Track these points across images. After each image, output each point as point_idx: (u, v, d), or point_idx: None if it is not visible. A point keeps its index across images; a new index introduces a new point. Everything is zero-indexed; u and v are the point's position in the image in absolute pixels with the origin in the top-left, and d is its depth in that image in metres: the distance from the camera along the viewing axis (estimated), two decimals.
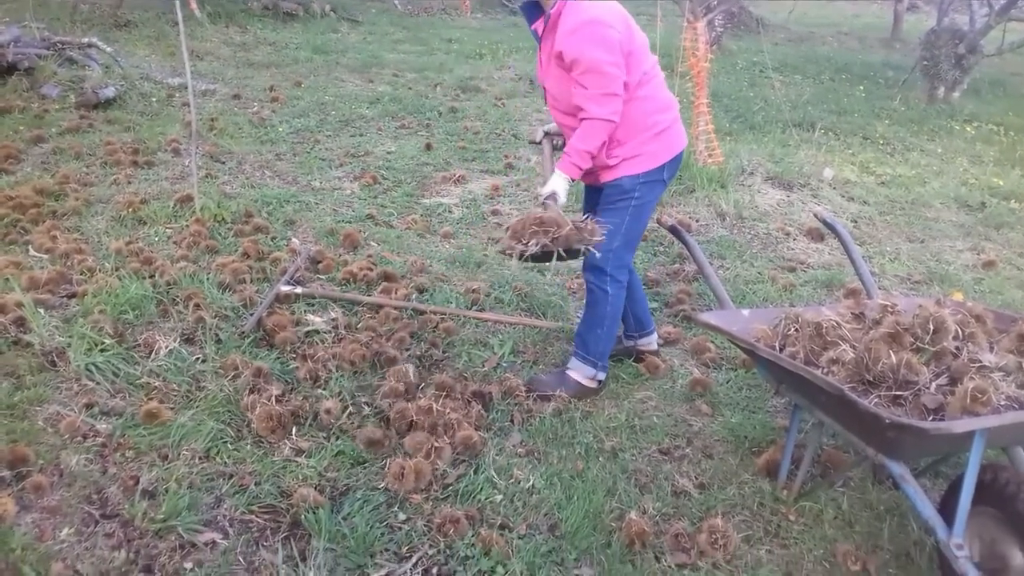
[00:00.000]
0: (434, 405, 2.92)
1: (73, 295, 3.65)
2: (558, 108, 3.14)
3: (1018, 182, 7.04)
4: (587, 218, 2.97)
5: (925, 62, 10.68)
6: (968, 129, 9.17)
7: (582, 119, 2.95)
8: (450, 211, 5.50)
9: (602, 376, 3.34)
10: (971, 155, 8.01)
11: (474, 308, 4.02)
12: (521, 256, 2.81)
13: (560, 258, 2.86)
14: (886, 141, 8.26)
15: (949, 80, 10.54)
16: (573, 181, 3.06)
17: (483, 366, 3.49)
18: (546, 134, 3.42)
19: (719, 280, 3.12)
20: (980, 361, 2.22)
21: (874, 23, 21.40)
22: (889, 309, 2.40)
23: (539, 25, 3.10)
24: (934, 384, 2.20)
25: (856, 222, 5.79)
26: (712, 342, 3.80)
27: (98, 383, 3.06)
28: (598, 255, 3.04)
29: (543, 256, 2.85)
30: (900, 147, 8.11)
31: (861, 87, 11.37)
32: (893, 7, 18.99)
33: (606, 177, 3.15)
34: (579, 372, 3.32)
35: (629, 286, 3.34)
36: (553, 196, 3.00)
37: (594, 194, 3.33)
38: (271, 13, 13.07)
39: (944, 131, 9.02)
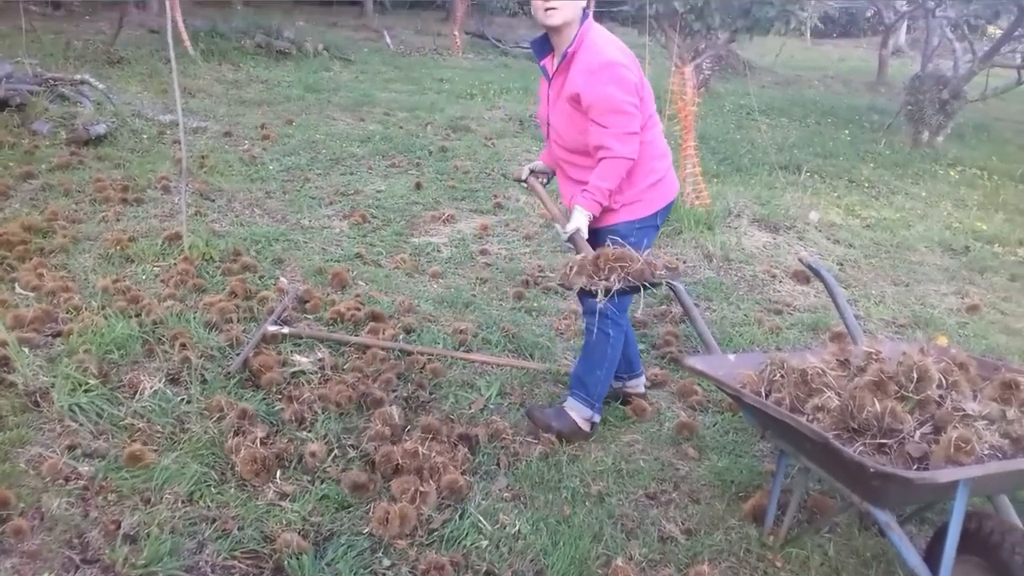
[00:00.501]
0: (420, 448, 2.91)
1: (59, 334, 3.64)
2: (562, 145, 3.18)
3: (1001, 226, 7.12)
4: (647, 253, 2.98)
5: (910, 107, 10.84)
6: (952, 173, 9.29)
7: (603, 157, 2.99)
8: (439, 250, 5.52)
9: (596, 419, 3.35)
10: (955, 199, 8.11)
11: (461, 349, 4.02)
12: (606, 292, 2.81)
13: (634, 290, 2.92)
14: (871, 184, 8.35)
15: (933, 125, 10.69)
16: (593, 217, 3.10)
17: (470, 408, 3.49)
18: (532, 172, 3.45)
19: (705, 324, 3.13)
20: (963, 410, 2.24)
21: (859, 67, 21.73)
22: (873, 356, 2.41)
23: (548, 62, 3.15)
24: (918, 432, 2.21)
25: (842, 265, 5.83)
26: (699, 385, 3.80)
27: (81, 424, 3.04)
28: (600, 300, 3.09)
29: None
30: (885, 190, 8.20)
31: (847, 131, 11.52)
32: (878, 52, 19.30)
33: (605, 222, 3.17)
34: (576, 412, 3.33)
35: None
36: (578, 232, 3.04)
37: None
38: (264, 51, 13.17)
39: (928, 175, 9.13)
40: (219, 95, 10.04)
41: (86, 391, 3.19)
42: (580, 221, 3.04)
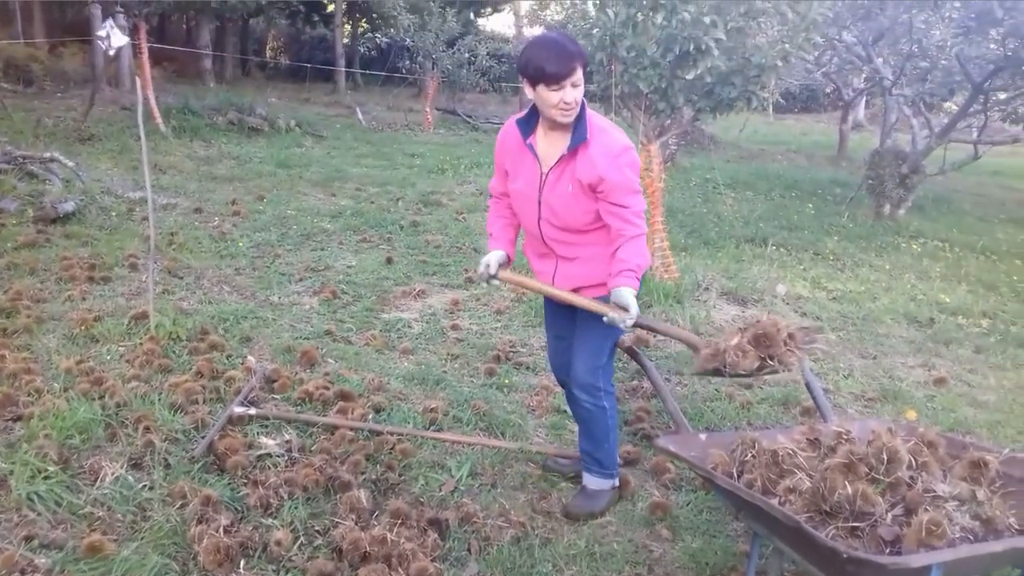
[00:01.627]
0: (388, 535, 2.84)
1: (19, 418, 3.55)
2: (556, 224, 3.16)
3: (964, 298, 7.25)
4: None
5: (871, 181, 11.13)
6: (914, 246, 9.49)
7: (631, 236, 3.01)
8: (409, 326, 5.50)
9: (617, 482, 3.45)
10: (918, 271, 8.27)
11: (432, 428, 3.97)
12: (768, 369, 2.85)
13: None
14: (836, 257, 8.50)
15: (894, 198, 10.96)
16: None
17: (440, 490, 3.43)
18: (500, 266, 3.31)
19: (675, 402, 3.14)
20: (934, 491, 2.24)
21: (821, 140, 22.36)
22: (843, 436, 2.41)
23: (535, 142, 3.12)
24: (890, 515, 2.20)
25: None
26: (672, 463, 3.78)
27: (39, 513, 2.94)
28: (585, 375, 3.19)
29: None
30: (850, 263, 8.34)
31: (810, 204, 11.78)
32: (839, 126, 19.89)
33: (593, 294, 3.19)
34: (599, 486, 3.39)
35: None
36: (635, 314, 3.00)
37: (560, 308, 3.36)
38: (236, 128, 13.32)
39: (891, 247, 9.32)
40: (190, 171, 10.08)
41: (45, 478, 3.10)
42: (631, 300, 2.96)
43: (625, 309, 2.94)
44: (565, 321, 3.38)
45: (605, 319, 3.00)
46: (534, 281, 3.33)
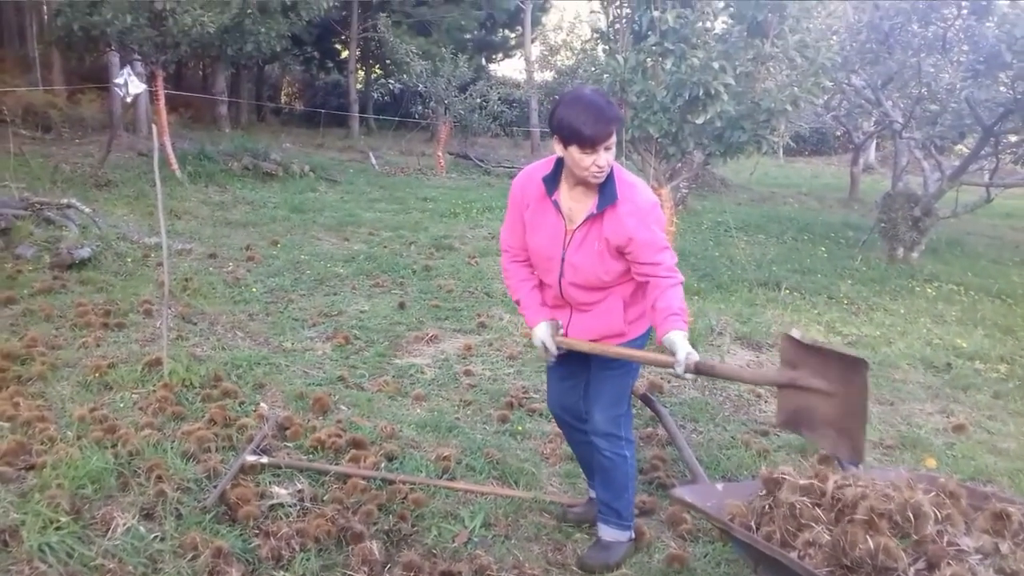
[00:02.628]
0: None
1: (32, 467, 3.54)
2: (577, 283, 3.11)
3: (981, 342, 7.18)
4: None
5: (883, 224, 11.11)
6: (929, 289, 9.43)
7: (668, 286, 2.97)
8: (422, 372, 5.48)
9: (633, 535, 3.39)
10: (933, 315, 8.21)
11: (445, 477, 3.93)
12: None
13: None
14: (850, 301, 8.46)
15: (907, 241, 10.93)
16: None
17: (453, 542, 3.39)
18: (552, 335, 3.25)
19: (691, 451, 3.10)
20: (957, 544, 2.20)
21: (832, 183, 22.40)
22: (864, 490, 2.38)
23: (561, 197, 3.06)
24: (913, 569, 2.16)
25: None
26: (688, 513, 3.72)
27: (51, 565, 2.91)
28: (606, 424, 3.17)
29: None
30: (864, 307, 8.30)
31: (823, 247, 11.76)
32: (849, 169, 19.94)
33: (616, 342, 3.17)
34: (615, 538, 3.34)
35: None
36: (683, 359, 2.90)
37: (577, 357, 3.30)
38: (251, 173, 13.46)
39: (906, 291, 9.27)
40: (205, 217, 10.18)
41: (57, 528, 3.08)
42: (685, 345, 2.89)
43: (673, 354, 2.86)
44: (574, 365, 3.33)
45: (677, 369, 2.86)
46: (593, 344, 3.19)
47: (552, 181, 3.06)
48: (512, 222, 3.25)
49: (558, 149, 2.95)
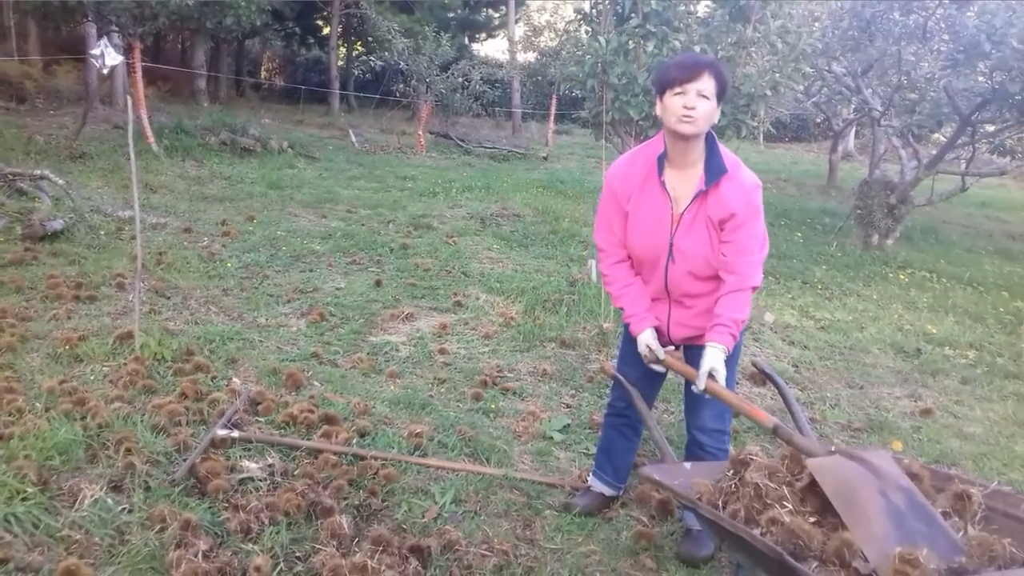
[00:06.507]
0: (369, 562, 2.81)
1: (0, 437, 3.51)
2: (692, 273, 2.95)
3: (951, 329, 7.28)
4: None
5: (859, 211, 11.20)
6: (902, 276, 9.54)
7: (736, 288, 2.85)
8: (397, 350, 5.48)
9: None
10: (905, 301, 8.30)
11: (416, 453, 3.94)
12: None
13: None
14: (824, 286, 8.53)
15: (883, 228, 11.03)
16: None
17: (423, 517, 3.40)
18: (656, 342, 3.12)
19: (661, 431, 3.12)
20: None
21: (811, 170, 22.50)
22: None
23: (667, 179, 2.92)
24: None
25: (797, 367, 5.89)
26: (657, 492, 3.76)
27: (16, 535, 2.89)
28: (715, 420, 3.18)
29: None
30: (838, 292, 8.37)
31: (799, 233, 11.84)
32: (828, 156, 20.05)
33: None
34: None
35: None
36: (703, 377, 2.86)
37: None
38: (228, 148, 13.32)
39: (879, 277, 9.37)
40: (181, 191, 10.07)
41: (23, 500, 3.06)
42: (719, 361, 2.82)
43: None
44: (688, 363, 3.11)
45: (698, 384, 2.86)
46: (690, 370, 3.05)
47: (662, 160, 2.92)
48: (609, 218, 3.08)
49: (658, 109, 2.85)
